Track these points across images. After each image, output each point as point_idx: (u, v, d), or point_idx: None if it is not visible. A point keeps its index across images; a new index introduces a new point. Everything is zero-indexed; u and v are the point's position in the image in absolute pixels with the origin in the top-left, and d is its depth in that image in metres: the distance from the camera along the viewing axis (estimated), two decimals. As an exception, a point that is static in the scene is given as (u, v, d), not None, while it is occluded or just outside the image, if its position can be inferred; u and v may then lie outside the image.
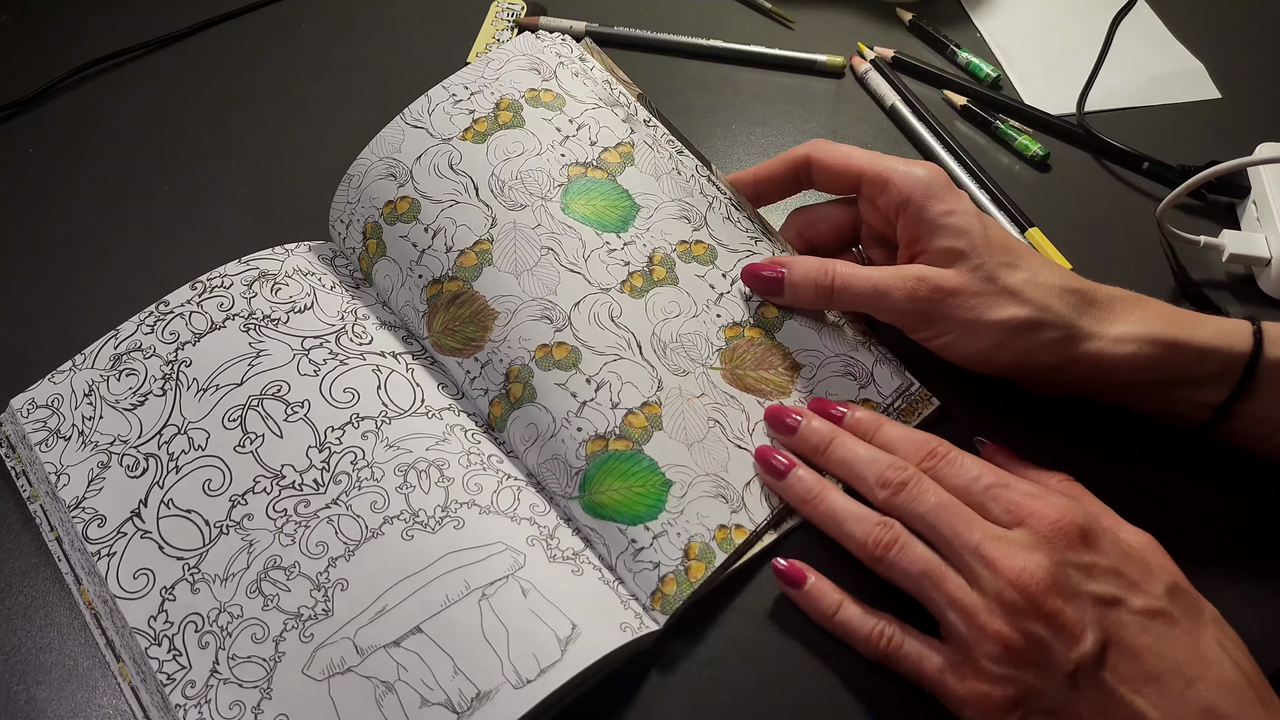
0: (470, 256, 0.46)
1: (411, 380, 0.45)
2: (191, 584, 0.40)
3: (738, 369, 0.46)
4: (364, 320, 0.47)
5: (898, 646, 0.38)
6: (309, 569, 0.40)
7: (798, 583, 0.41)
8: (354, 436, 0.43)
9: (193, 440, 0.43)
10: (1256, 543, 0.44)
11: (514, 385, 0.44)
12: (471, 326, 0.46)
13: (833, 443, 0.42)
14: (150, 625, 0.39)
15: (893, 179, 0.44)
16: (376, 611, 0.39)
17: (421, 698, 0.37)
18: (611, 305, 0.46)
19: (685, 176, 0.49)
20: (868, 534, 0.39)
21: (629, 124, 0.50)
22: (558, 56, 0.51)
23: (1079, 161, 0.59)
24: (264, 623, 0.39)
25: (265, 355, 0.45)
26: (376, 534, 0.40)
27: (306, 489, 0.42)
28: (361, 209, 0.49)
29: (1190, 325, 0.43)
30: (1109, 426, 0.46)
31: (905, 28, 0.67)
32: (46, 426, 0.44)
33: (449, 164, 0.48)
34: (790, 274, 0.45)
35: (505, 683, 0.37)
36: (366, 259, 0.49)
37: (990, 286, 0.42)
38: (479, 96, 0.50)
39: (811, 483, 0.42)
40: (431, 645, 0.38)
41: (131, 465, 0.43)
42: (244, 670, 0.38)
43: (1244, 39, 0.66)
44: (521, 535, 0.41)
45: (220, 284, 0.47)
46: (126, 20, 0.64)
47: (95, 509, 0.42)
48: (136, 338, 0.46)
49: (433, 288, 0.47)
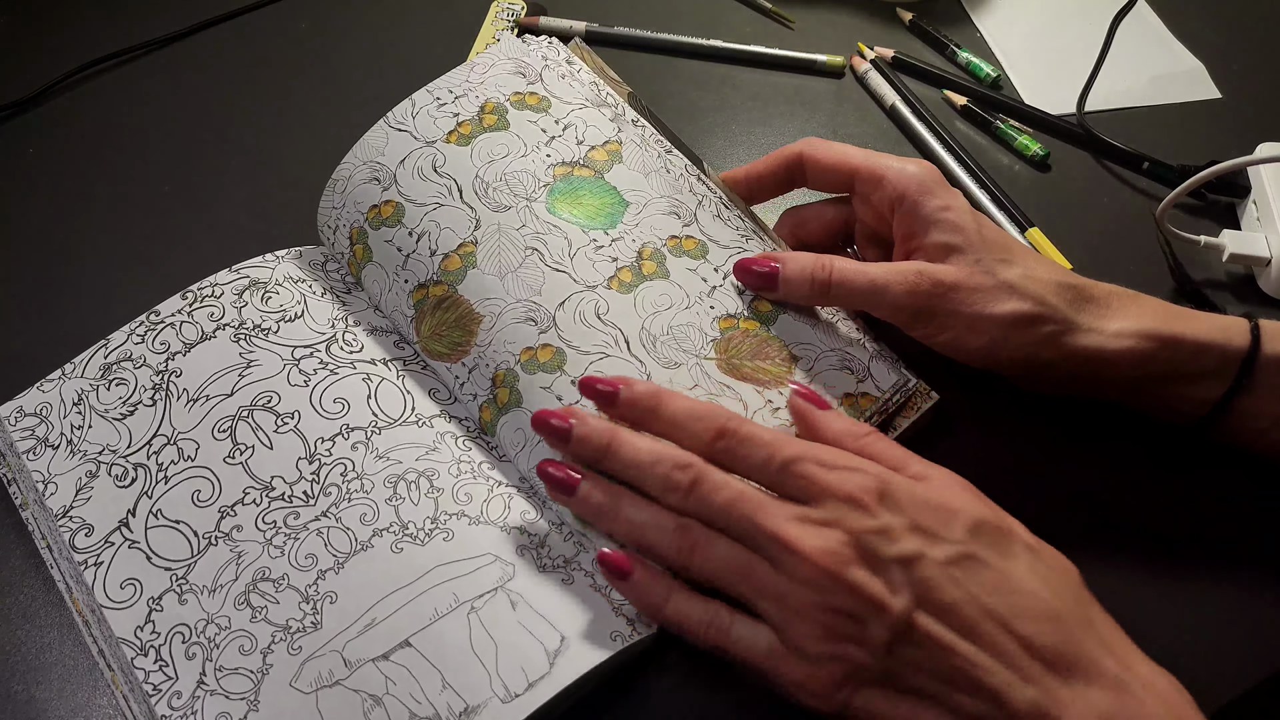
0: (454, 260, 0.46)
1: (402, 388, 0.45)
2: (179, 595, 0.40)
3: (734, 359, 0.45)
4: (354, 328, 0.47)
5: (726, 633, 0.38)
6: (298, 581, 0.40)
7: (624, 573, 0.39)
8: (344, 448, 0.43)
9: (182, 451, 0.43)
10: (1255, 540, 0.44)
11: (500, 390, 0.44)
12: (457, 331, 0.46)
13: (610, 445, 0.40)
14: (137, 635, 0.39)
15: (887, 175, 0.44)
16: (365, 625, 0.39)
17: (410, 711, 0.37)
18: (598, 302, 0.45)
19: (674, 175, 0.49)
20: (668, 542, 0.38)
21: (616, 124, 0.50)
22: (543, 60, 0.51)
23: (1079, 161, 0.59)
24: (252, 634, 0.39)
25: (256, 365, 0.45)
26: (366, 546, 0.40)
27: (296, 501, 0.42)
28: (347, 214, 0.49)
29: (1187, 321, 0.43)
30: (1108, 425, 0.46)
31: (905, 28, 0.67)
32: (34, 435, 0.44)
33: (433, 167, 0.48)
34: (785, 269, 0.44)
35: (493, 697, 0.37)
36: (355, 264, 0.48)
37: (989, 280, 0.42)
38: (463, 100, 0.49)
39: (603, 498, 0.40)
40: (420, 659, 0.38)
41: (120, 475, 0.43)
42: (231, 682, 0.38)
43: (1244, 39, 0.66)
44: (511, 545, 0.41)
45: (211, 293, 0.47)
46: (126, 20, 0.64)
47: (83, 518, 0.42)
48: (127, 347, 0.46)
49: (418, 292, 0.46)
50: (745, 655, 0.37)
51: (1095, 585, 0.43)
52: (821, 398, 0.43)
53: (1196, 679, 0.40)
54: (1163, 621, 0.42)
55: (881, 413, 0.44)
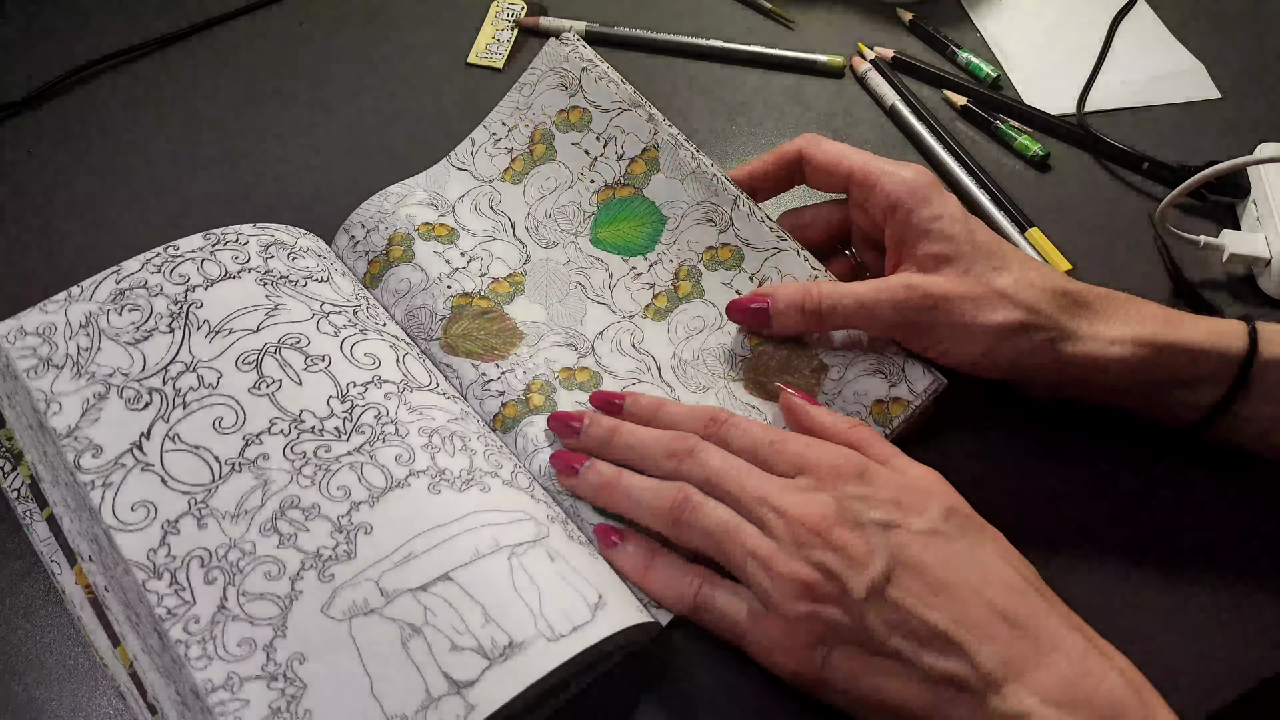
0: (503, 285, 0.49)
1: (425, 365, 0.45)
2: (199, 519, 0.37)
3: (761, 376, 0.46)
4: (374, 309, 0.47)
5: (709, 597, 0.39)
6: (330, 511, 0.38)
7: (612, 542, 0.41)
8: (376, 395, 0.41)
9: (203, 379, 0.40)
10: (1255, 540, 0.44)
11: (534, 395, 0.46)
12: (497, 339, 0.47)
13: (615, 433, 0.43)
14: (149, 558, 0.37)
15: (880, 182, 0.44)
16: (403, 557, 0.37)
17: (451, 642, 0.35)
18: (634, 332, 0.48)
19: (708, 175, 0.49)
20: (663, 500, 0.40)
21: (652, 124, 0.51)
22: (581, 62, 0.52)
23: (1079, 161, 0.59)
24: (279, 560, 0.37)
25: (283, 309, 0.43)
26: (403, 484, 0.39)
27: (328, 435, 0.40)
28: (395, 220, 0.50)
29: (1183, 326, 0.43)
30: (1107, 427, 0.46)
31: (905, 28, 0.67)
32: (36, 354, 0.41)
33: (489, 204, 0.51)
34: (775, 304, 0.45)
35: (539, 635, 0.36)
36: (382, 262, 0.49)
37: (980, 290, 0.42)
38: (515, 132, 0.52)
39: (606, 470, 0.42)
40: (461, 593, 0.36)
41: (133, 398, 0.40)
42: (256, 607, 0.36)
43: (1244, 39, 0.66)
44: (543, 513, 0.41)
45: (235, 239, 0.45)
46: (126, 20, 0.64)
47: (90, 438, 0.39)
48: (142, 275, 0.43)
49: (461, 299, 0.48)
50: (725, 620, 0.39)
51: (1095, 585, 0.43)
52: (811, 397, 0.44)
53: (1196, 679, 0.41)
54: (1162, 622, 0.42)
55: (908, 420, 0.44)
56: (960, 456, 0.46)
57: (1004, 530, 0.39)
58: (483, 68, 0.63)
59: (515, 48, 0.64)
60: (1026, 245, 0.54)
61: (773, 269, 0.47)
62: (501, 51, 0.63)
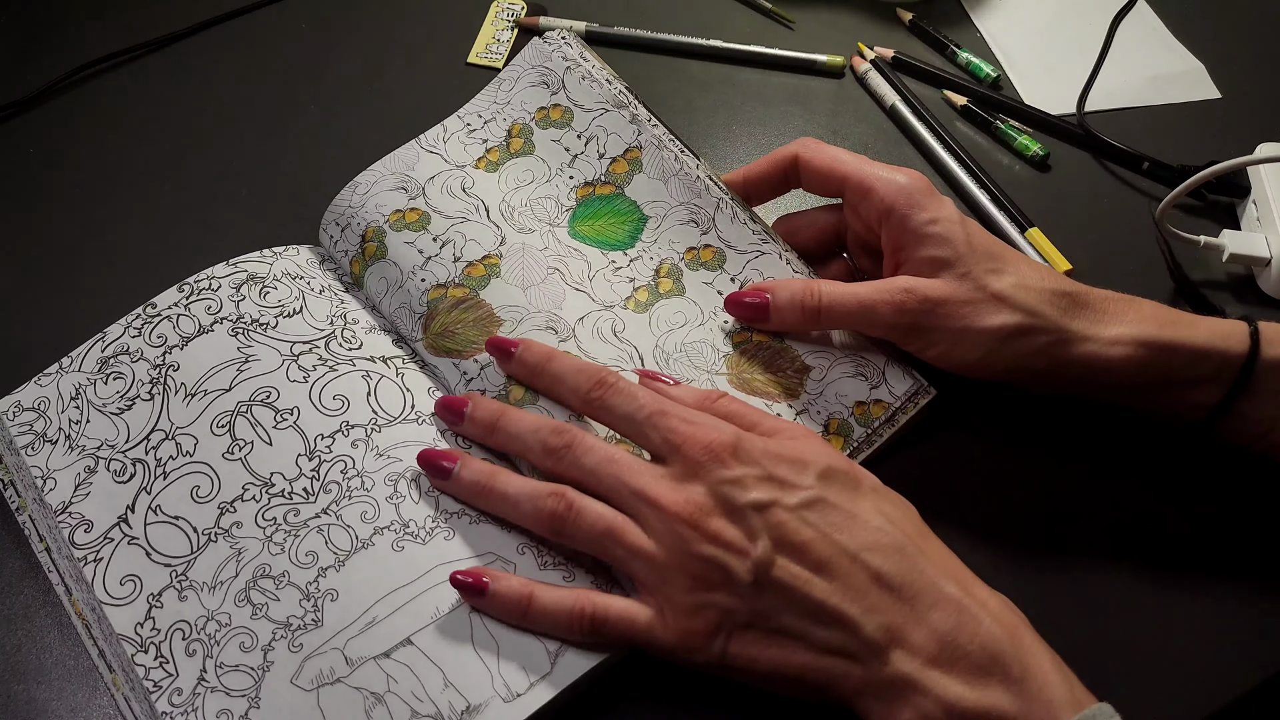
0: (479, 268, 0.47)
1: (402, 385, 0.45)
2: (179, 591, 0.40)
3: (744, 374, 0.46)
4: (353, 325, 0.47)
5: (601, 613, 0.38)
6: (298, 578, 0.40)
7: (481, 589, 0.39)
8: (344, 445, 0.43)
9: (180, 446, 0.43)
10: (1255, 541, 0.44)
11: (514, 388, 0.44)
12: (474, 330, 0.46)
13: (499, 419, 0.42)
14: (137, 632, 0.39)
15: (875, 187, 0.44)
16: (367, 623, 0.39)
17: (411, 710, 0.37)
18: (615, 321, 0.47)
19: (692, 177, 0.49)
20: (542, 510, 0.39)
21: (635, 125, 0.50)
22: (564, 61, 0.52)
23: (1079, 161, 0.59)
24: (253, 631, 0.39)
25: (254, 360, 0.45)
26: (367, 544, 0.40)
27: (296, 498, 0.41)
28: (365, 214, 0.49)
29: (1184, 327, 0.42)
30: (1109, 426, 0.46)
31: (905, 28, 0.67)
32: (33, 430, 0.44)
33: (461, 187, 0.50)
34: (775, 298, 0.45)
35: (495, 696, 0.37)
36: (360, 262, 0.49)
37: (978, 294, 0.42)
38: (492, 125, 0.51)
39: (478, 473, 0.41)
40: (422, 657, 0.38)
41: (119, 470, 0.43)
42: (232, 679, 0.38)
43: (1244, 39, 0.66)
44: (512, 544, 0.41)
45: (208, 286, 0.47)
46: (126, 20, 0.64)
47: (82, 514, 0.42)
48: (124, 340, 0.46)
49: (435, 291, 0.47)
50: (624, 629, 0.38)
51: (1095, 584, 0.43)
52: (666, 376, 0.44)
53: (1197, 679, 0.41)
54: (1163, 622, 0.42)
55: (890, 421, 0.44)
56: (959, 456, 0.46)
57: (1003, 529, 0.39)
58: (483, 68, 0.63)
59: (515, 48, 0.64)
60: (1027, 245, 0.54)
61: (754, 271, 0.48)
62: (501, 51, 0.63)
